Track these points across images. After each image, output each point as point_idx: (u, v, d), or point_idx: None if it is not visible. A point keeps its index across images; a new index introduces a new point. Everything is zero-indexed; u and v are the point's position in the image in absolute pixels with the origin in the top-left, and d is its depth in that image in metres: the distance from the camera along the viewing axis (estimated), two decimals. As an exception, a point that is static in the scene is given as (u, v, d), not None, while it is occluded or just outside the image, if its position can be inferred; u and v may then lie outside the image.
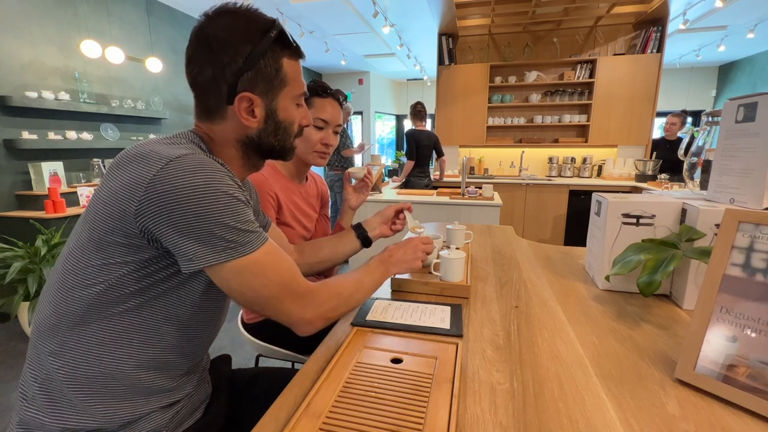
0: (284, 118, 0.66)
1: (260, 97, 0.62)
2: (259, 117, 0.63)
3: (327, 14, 4.21)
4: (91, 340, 0.55)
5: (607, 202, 0.90)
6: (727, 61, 6.47)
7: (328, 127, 1.10)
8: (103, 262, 0.54)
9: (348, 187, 1.21)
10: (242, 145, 0.65)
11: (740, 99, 0.81)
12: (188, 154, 0.53)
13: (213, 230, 0.52)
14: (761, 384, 0.49)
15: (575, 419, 0.49)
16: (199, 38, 0.60)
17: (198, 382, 0.69)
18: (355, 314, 0.80)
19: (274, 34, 0.60)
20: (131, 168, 0.53)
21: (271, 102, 0.64)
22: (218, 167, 0.55)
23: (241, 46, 0.59)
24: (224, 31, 0.59)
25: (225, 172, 0.55)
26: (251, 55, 0.59)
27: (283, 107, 0.66)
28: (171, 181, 0.50)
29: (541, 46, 4.44)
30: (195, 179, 0.51)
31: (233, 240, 0.54)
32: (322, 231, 1.29)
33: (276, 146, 0.68)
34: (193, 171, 0.52)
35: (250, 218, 0.57)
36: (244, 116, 0.62)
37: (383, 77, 8.26)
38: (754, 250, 0.53)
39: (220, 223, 0.52)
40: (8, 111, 2.68)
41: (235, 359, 1.06)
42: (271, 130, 0.65)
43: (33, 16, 2.82)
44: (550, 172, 4.50)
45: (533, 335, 0.72)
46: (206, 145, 0.63)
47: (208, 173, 0.52)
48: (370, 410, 0.49)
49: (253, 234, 0.56)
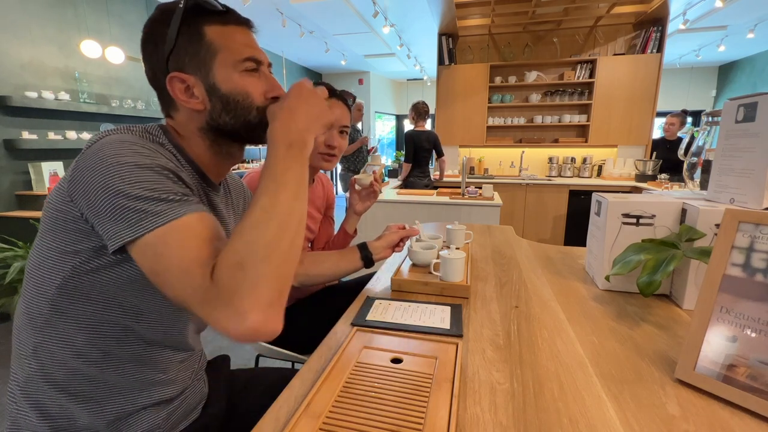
0: (229, 90, 0.58)
1: (193, 75, 0.57)
2: (201, 96, 0.58)
3: (327, 14, 4.21)
4: (60, 341, 0.54)
5: (607, 202, 0.90)
6: (727, 61, 6.47)
7: (332, 128, 1.08)
8: (57, 253, 0.52)
9: (353, 192, 1.21)
10: (205, 132, 0.61)
11: (740, 99, 0.81)
12: (113, 133, 0.52)
13: (118, 202, 0.46)
14: (761, 384, 0.49)
15: (575, 419, 0.49)
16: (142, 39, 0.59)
17: (192, 380, 0.68)
18: (355, 314, 0.80)
19: (182, 4, 0.56)
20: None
21: (206, 76, 0.57)
22: (135, 143, 0.50)
23: (158, 31, 0.56)
24: (150, 22, 0.57)
25: (145, 148, 0.51)
26: (167, 34, 0.56)
27: (223, 78, 0.57)
28: (86, 160, 0.49)
29: (541, 46, 4.44)
30: (103, 154, 0.48)
31: (143, 210, 0.46)
32: (326, 233, 1.29)
33: (236, 125, 0.60)
34: (104, 147, 0.49)
35: (169, 187, 0.49)
36: (183, 99, 0.57)
37: (383, 77, 8.27)
38: (754, 250, 0.53)
39: (125, 194, 0.46)
40: (8, 111, 2.68)
41: (235, 359, 1.07)
42: (219, 107, 0.58)
43: (33, 16, 2.82)
44: (550, 172, 4.50)
45: (533, 335, 0.72)
46: (169, 137, 0.59)
47: (117, 147, 0.48)
48: (370, 410, 0.49)
49: (170, 203, 0.47)
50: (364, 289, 0.96)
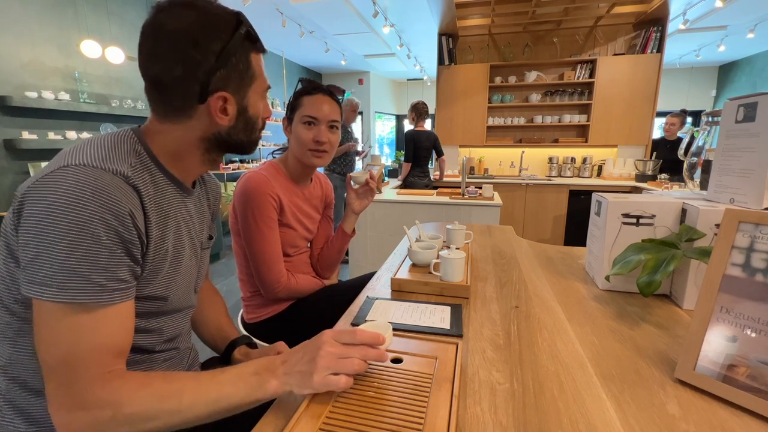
0: (253, 114, 0.65)
1: (233, 95, 0.60)
2: (231, 115, 0.61)
3: (327, 14, 4.21)
4: (28, 351, 0.53)
5: (607, 202, 0.90)
6: (727, 61, 6.47)
7: (319, 123, 1.07)
8: (13, 267, 0.51)
9: (351, 191, 1.20)
10: (206, 142, 0.63)
11: (740, 99, 0.81)
12: (72, 167, 0.49)
13: (45, 261, 0.46)
14: (761, 384, 0.49)
15: (575, 419, 0.49)
16: (159, 33, 0.55)
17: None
18: (355, 315, 0.80)
19: (243, 30, 0.59)
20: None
21: (242, 99, 0.62)
22: (96, 191, 0.48)
23: (212, 43, 0.56)
24: (190, 26, 0.55)
25: (105, 198, 0.48)
26: (224, 52, 0.56)
27: (253, 103, 0.64)
28: (34, 196, 0.47)
29: (541, 46, 4.44)
30: (57, 200, 0.46)
31: (57, 279, 0.46)
32: (324, 233, 1.29)
33: (245, 142, 0.66)
34: (63, 190, 0.47)
35: (104, 266, 0.48)
36: (219, 116, 0.60)
37: (383, 77, 8.27)
38: (754, 250, 0.53)
39: (55, 258, 0.46)
40: (8, 111, 2.68)
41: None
42: (241, 126, 0.64)
43: (33, 16, 2.82)
44: (550, 172, 4.50)
45: (533, 335, 0.72)
46: (147, 147, 0.59)
47: (73, 197, 0.46)
48: (370, 410, 0.49)
49: (86, 284, 0.47)
50: (364, 289, 0.96)
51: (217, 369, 0.54)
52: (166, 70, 0.56)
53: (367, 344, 0.53)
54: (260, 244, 1.04)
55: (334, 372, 0.50)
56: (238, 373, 0.52)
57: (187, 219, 0.67)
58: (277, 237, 1.07)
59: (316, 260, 1.25)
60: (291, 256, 1.15)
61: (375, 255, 2.88)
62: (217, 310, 0.88)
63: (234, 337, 0.83)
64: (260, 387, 0.51)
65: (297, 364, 0.51)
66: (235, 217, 1.07)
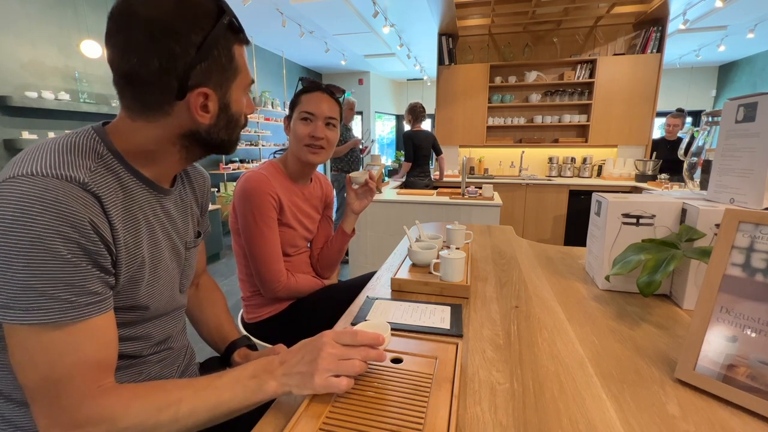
0: (236, 111, 0.60)
1: (214, 91, 0.55)
2: (212, 112, 0.56)
3: (327, 14, 4.21)
4: (6, 367, 0.51)
5: (607, 202, 0.90)
6: (727, 61, 6.47)
7: (316, 119, 1.07)
8: None
9: (350, 191, 1.20)
10: (184, 139, 0.58)
11: (740, 99, 0.81)
12: (19, 178, 0.45)
13: (3, 282, 0.43)
14: (761, 384, 0.49)
15: (575, 419, 0.49)
16: (131, 22, 0.49)
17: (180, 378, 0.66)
18: (355, 315, 0.80)
19: (226, 20, 0.53)
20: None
21: (224, 95, 0.57)
22: (47, 203, 0.44)
23: (191, 34, 0.50)
24: (167, 13, 0.49)
25: (59, 209, 0.44)
26: (204, 44, 0.51)
27: (236, 99, 0.59)
28: None
29: (541, 46, 4.44)
30: (5, 216, 0.43)
31: (20, 300, 0.43)
32: (324, 233, 1.29)
33: (225, 140, 0.61)
34: (11, 204, 0.43)
35: (69, 281, 0.45)
36: (199, 113, 0.55)
37: (383, 77, 8.27)
38: (754, 250, 0.53)
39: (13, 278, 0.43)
40: (8, 111, 2.68)
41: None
42: (222, 124, 0.59)
43: (33, 16, 2.82)
44: (550, 172, 4.50)
45: (533, 335, 0.72)
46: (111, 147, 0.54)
47: (20, 212, 0.43)
48: (370, 410, 0.49)
49: (52, 302, 0.44)
50: (364, 289, 0.96)
51: (215, 374, 0.53)
52: (140, 64, 0.50)
53: (367, 345, 0.53)
54: (260, 244, 1.04)
55: (335, 374, 0.50)
56: (236, 376, 0.52)
57: (164, 220, 0.63)
58: (277, 236, 1.07)
59: (316, 260, 1.25)
60: (291, 255, 1.15)
61: (375, 255, 2.88)
62: (217, 308, 0.87)
63: (234, 338, 0.83)
64: (259, 389, 0.50)
65: (297, 365, 0.51)
66: (235, 216, 1.07)
